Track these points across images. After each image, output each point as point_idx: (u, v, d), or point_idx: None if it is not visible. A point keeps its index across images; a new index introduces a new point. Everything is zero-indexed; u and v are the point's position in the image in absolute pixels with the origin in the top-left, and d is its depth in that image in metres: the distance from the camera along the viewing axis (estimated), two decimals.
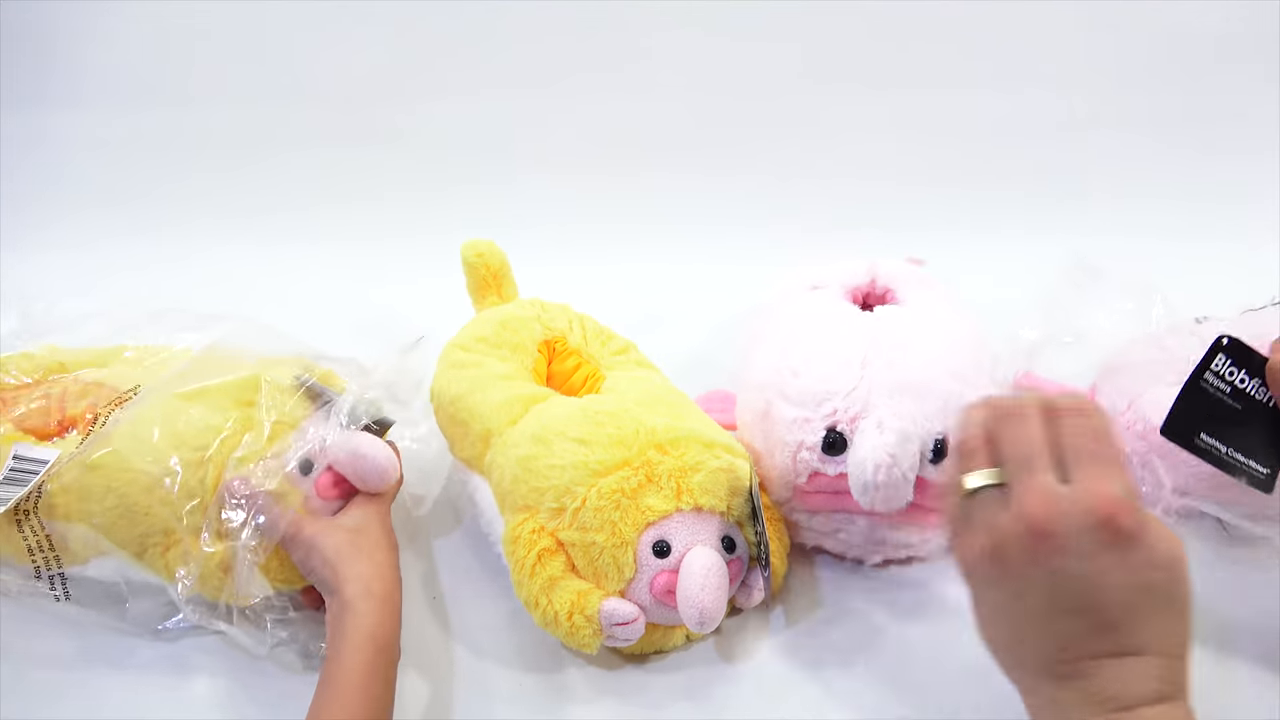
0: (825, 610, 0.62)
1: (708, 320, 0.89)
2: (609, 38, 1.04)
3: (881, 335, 0.63)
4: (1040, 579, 0.40)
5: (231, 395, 0.58)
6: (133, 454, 0.55)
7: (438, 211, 1.01)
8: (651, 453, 0.56)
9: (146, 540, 0.55)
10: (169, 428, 0.56)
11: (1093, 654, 0.39)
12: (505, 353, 0.68)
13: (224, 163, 1.07)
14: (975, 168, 1.04)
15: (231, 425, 0.56)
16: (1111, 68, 1.03)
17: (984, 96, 1.04)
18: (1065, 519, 0.39)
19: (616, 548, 0.53)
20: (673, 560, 0.54)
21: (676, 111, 1.06)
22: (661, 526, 0.54)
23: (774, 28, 1.03)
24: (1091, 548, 0.39)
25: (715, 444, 0.58)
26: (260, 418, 0.57)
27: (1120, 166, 1.03)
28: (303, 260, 0.99)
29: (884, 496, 0.55)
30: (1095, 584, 0.39)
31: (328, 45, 1.05)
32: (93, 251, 1.02)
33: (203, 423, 0.56)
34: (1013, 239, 0.95)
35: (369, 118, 1.07)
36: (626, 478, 0.54)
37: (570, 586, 0.54)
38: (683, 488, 0.55)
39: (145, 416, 0.57)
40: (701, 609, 0.51)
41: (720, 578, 0.53)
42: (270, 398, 0.58)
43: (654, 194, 1.05)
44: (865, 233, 0.98)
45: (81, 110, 1.07)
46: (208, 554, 0.54)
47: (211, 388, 0.58)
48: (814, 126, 1.05)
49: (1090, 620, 0.40)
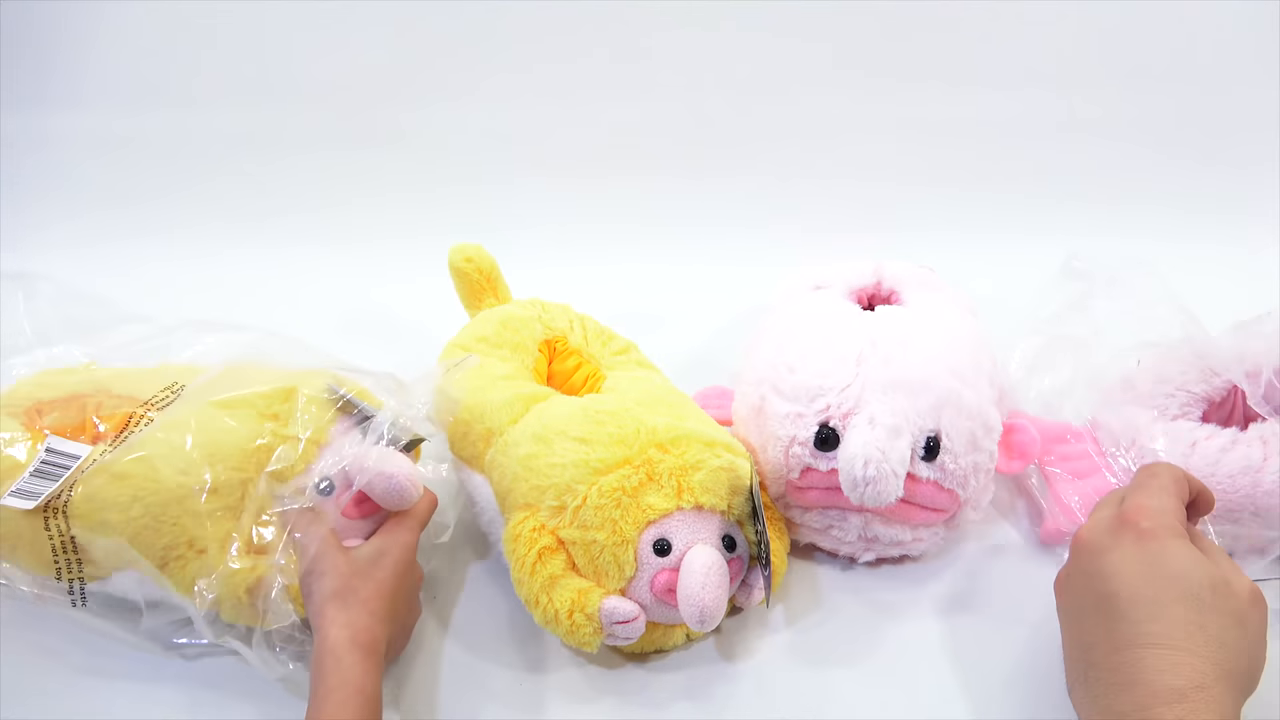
0: (823, 609, 0.62)
1: (708, 321, 0.89)
2: (611, 38, 1.04)
3: (879, 333, 0.63)
4: (1078, 585, 0.45)
5: (266, 406, 0.56)
6: (163, 462, 0.53)
7: (438, 212, 1.01)
8: (652, 451, 0.56)
9: (170, 553, 0.53)
10: (202, 437, 0.54)
11: (1114, 646, 0.41)
12: (506, 352, 0.68)
13: (224, 163, 1.06)
14: (977, 169, 1.04)
15: (266, 438, 0.55)
16: (1112, 69, 1.03)
17: (985, 98, 1.04)
18: (1099, 526, 0.45)
19: (617, 546, 0.53)
20: (673, 559, 0.53)
21: (676, 112, 1.06)
22: (662, 525, 0.54)
23: (775, 28, 1.03)
24: (1110, 542, 0.43)
25: (716, 443, 0.58)
26: (295, 432, 0.55)
27: (1121, 168, 1.03)
28: (304, 261, 0.99)
29: (873, 492, 0.55)
30: (1110, 574, 0.43)
31: (328, 46, 1.05)
32: (93, 252, 1.01)
33: (237, 434, 0.55)
34: (1013, 240, 0.95)
35: (370, 119, 1.06)
36: (627, 476, 0.54)
37: (571, 585, 0.54)
38: (683, 486, 0.55)
39: (178, 423, 0.55)
40: (702, 607, 0.51)
41: (721, 576, 0.53)
42: (306, 410, 0.56)
43: (655, 195, 1.05)
44: (865, 233, 0.98)
45: (82, 111, 1.06)
46: (234, 570, 0.53)
47: (246, 397, 0.56)
48: (814, 127, 1.05)
49: (1106, 610, 0.42)
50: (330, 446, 0.56)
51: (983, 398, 0.62)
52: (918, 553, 0.64)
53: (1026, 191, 1.03)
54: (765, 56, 1.05)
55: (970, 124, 1.04)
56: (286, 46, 1.05)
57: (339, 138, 1.06)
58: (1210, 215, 0.99)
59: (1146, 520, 0.43)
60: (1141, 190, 1.02)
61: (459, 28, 1.04)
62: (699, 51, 1.05)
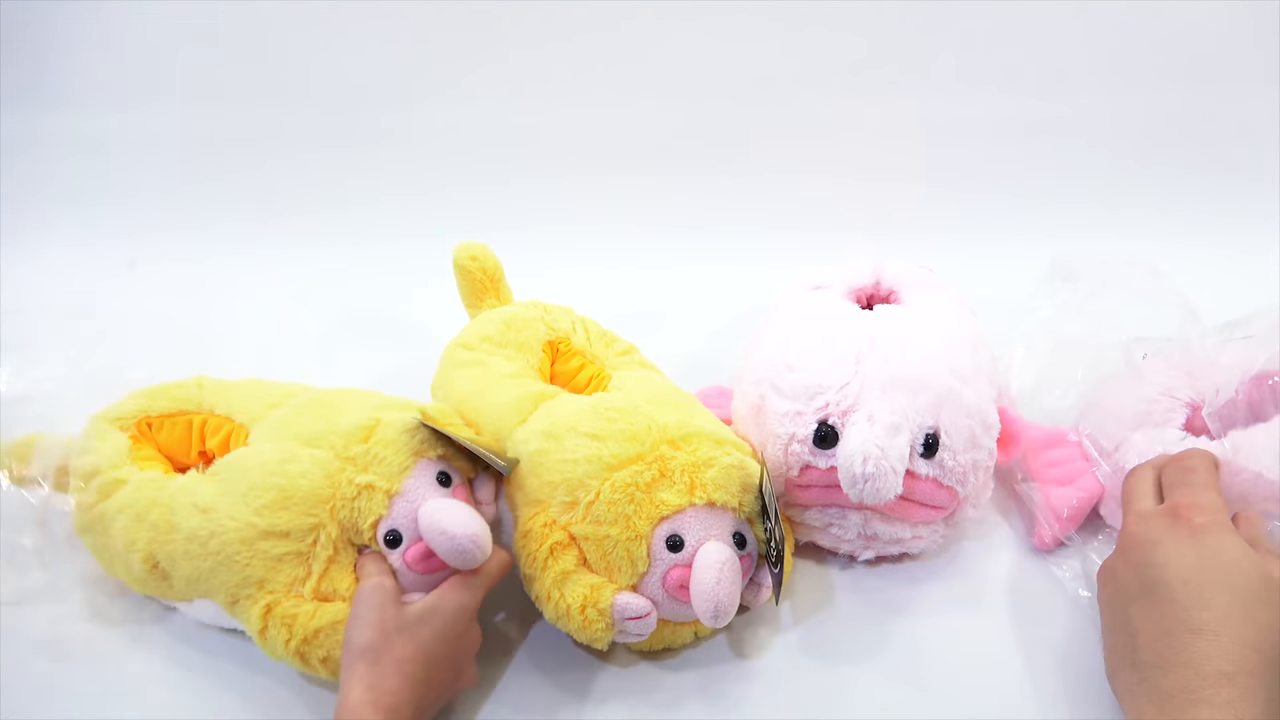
0: (827, 607, 0.62)
1: (708, 322, 0.89)
2: (612, 39, 1.05)
3: (878, 332, 0.63)
4: (1127, 575, 0.46)
5: (344, 447, 0.55)
6: (240, 502, 0.54)
7: (438, 212, 1.01)
8: (665, 448, 0.56)
9: (240, 591, 0.53)
10: (279, 479, 0.54)
11: (1164, 630, 0.42)
12: (510, 352, 0.68)
13: (224, 163, 1.06)
14: (977, 169, 1.04)
15: (341, 486, 0.54)
16: (1115, 70, 1.04)
17: (987, 99, 1.05)
18: (1149, 519, 0.47)
19: (630, 541, 0.53)
20: (686, 554, 0.53)
21: (677, 114, 1.06)
22: (675, 521, 0.54)
23: (776, 29, 1.04)
24: (1162, 535, 0.45)
25: (726, 441, 0.58)
26: (370, 480, 0.54)
27: (1122, 169, 1.04)
28: (304, 261, 0.99)
29: (872, 488, 0.55)
30: (1162, 563, 0.44)
31: (327, 47, 1.05)
32: (92, 252, 1.01)
33: (312, 478, 0.54)
34: (1013, 240, 0.96)
35: (370, 120, 1.06)
36: (640, 472, 0.54)
37: (583, 580, 0.54)
38: (696, 483, 0.55)
39: (260, 462, 0.55)
40: (717, 602, 0.51)
41: (734, 572, 0.53)
42: (382, 454, 0.55)
43: (655, 196, 1.05)
44: (865, 234, 0.99)
45: (82, 111, 1.07)
46: (295, 614, 0.52)
47: (326, 435, 0.56)
48: (815, 128, 1.06)
49: (1158, 597, 0.43)
50: (403, 496, 0.55)
51: (981, 395, 0.62)
52: (918, 550, 0.64)
53: (1026, 192, 1.03)
54: (768, 57, 1.05)
55: (973, 126, 1.05)
56: (287, 46, 1.05)
57: (339, 138, 1.06)
58: (1210, 216, 0.99)
59: (1200, 516, 0.46)
60: (1141, 191, 1.02)
61: (460, 28, 1.04)
62: (700, 52, 1.05)
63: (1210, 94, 1.03)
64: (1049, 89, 1.04)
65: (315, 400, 0.60)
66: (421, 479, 0.56)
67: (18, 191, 1.05)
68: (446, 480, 0.57)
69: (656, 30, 1.04)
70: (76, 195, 1.06)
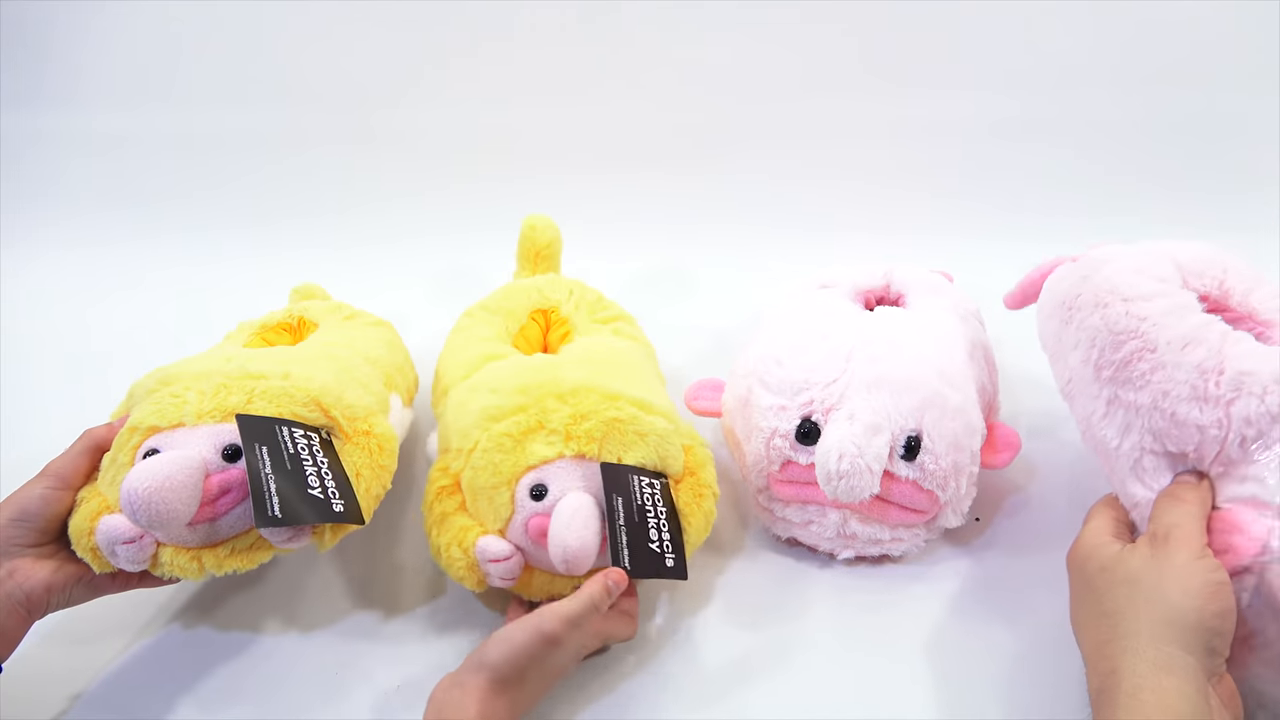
0: (800, 605, 0.61)
1: (710, 322, 0.89)
2: (619, 41, 1.06)
3: (873, 332, 0.63)
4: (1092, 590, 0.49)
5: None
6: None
7: (438, 213, 1.05)
8: (550, 401, 0.57)
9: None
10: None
11: (1105, 638, 0.46)
12: (498, 319, 0.72)
13: (224, 164, 1.09)
14: (980, 171, 1.02)
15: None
16: (1125, 72, 1.01)
17: (987, 100, 1.03)
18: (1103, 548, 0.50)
19: (495, 488, 0.55)
20: (547, 504, 0.54)
21: (679, 115, 1.06)
22: (542, 471, 0.55)
23: (778, 31, 1.03)
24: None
25: (620, 397, 0.58)
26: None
27: (1121, 169, 1.00)
28: (304, 261, 0.97)
29: (846, 486, 0.55)
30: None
31: (328, 47, 1.08)
32: (92, 252, 1.03)
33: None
34: (1027, 244, 0.87)
35: (369, 120, 1.09)
36: (518, 423, 0.56)
37: (456, 523, 0.56)
38: (570, 435, 0.56)
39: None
40: (565, 548, 0.52)
41: (588, 520, 0.53)
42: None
43: (656, 196, 1.05)
44: (878, 236, 0.97)
45: (81, 111, 1.09)
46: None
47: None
48: (823, 130, 1.05)
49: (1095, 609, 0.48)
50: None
51: (968, 401, 0.60)
52: (898, 553, 0.62)
53: (1040, 195, 1.01)
54: (774, 60, 1.05)
55: (973, 127, 1.04)
56: (287, 47, 1.08)
57: (339, 138, 1.09)
58: (1210, 216, 0.94)
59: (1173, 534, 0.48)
60: (1142, 192, 1.00)
61: (460, 28, 1.07)
62: (708, 54, 1.05)
63: (1217, 95, 1.00)
64: (1051, 90, 1.03)
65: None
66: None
67: (18, 191, 1.10)
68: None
69: (664, 33, 1.05)
70: (76, 195, 1.09)
